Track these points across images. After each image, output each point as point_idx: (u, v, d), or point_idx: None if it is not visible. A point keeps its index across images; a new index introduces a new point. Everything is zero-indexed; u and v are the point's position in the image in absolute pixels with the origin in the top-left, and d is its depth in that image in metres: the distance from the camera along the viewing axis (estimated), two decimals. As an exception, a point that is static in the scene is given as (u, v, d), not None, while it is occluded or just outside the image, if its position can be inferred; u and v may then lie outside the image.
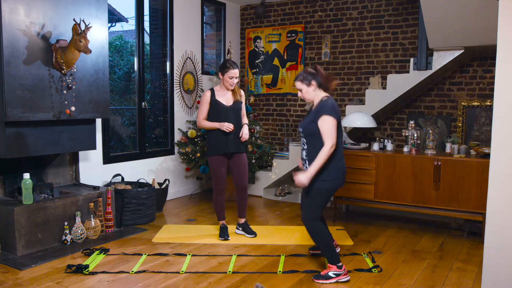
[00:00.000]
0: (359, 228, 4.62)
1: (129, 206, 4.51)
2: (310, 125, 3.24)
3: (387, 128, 5.89)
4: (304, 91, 3.31)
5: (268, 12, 6.68)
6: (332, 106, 3.23)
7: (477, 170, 4.14)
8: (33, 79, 3.63)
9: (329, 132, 3.16)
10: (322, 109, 3.21)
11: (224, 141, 4.01)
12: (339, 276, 3.23)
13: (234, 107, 4.06)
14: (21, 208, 3.61)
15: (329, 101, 3.26)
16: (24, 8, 3.54)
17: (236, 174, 4.15)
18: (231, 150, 4.05)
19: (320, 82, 3.29)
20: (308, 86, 3.29)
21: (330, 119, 3.16)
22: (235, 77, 3.98)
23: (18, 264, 3.43)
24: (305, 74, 3.31)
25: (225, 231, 4.19)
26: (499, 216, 2.66)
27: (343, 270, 3.25)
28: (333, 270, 3.24)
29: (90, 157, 4.78)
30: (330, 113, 3.17)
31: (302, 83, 3.31)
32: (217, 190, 4.15)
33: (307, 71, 3.33)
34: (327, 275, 3.24)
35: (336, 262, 3.25)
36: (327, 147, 3.14)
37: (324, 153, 3.14)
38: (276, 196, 6.16)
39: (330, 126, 3.16)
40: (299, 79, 3.32)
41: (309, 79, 3.28)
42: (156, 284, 3.15)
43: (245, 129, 4.05)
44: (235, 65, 4.00)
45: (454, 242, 4.20)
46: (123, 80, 6.06)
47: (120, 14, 6.60)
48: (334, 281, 3.22)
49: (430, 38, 4.66)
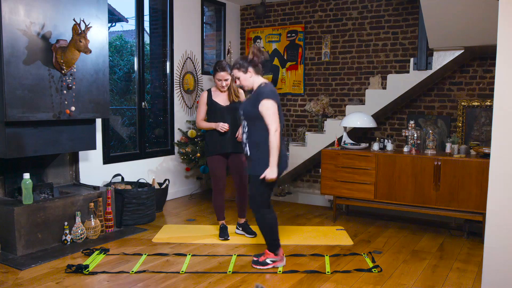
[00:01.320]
0: (359, 228, 4.62)
1: (129, 206, 4.51)
2: (250, 109, 3.26)
3: (387, 128, 5.89)
4: (242, 78, 3.32)
5: (268, 12, 6.68)
6: (271, 90, 3.25)
7: (477, 170, 4.14)
8: (33, 79, 3.63)
9: (271, 116, 3.17)
10: (262, 94, 3.23)
11: (221, 141, 4.04)
12: (275, 262, 3.38)
13: (231, 107, 4.07)
14: (21, 208, 3.61)
15: (268, 86, 3.28)
16: (24, 8, 3.54)
17: (235, 174, 4.16)
18: (229, 150, 4.06)
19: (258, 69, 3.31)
20: (245, 73, 3.30)
21: (270, 103, 3.18)
22: (224, 79, 3.99)
23: (18, 264, 3.43)
24: (241, 61, 3.31)
25: (225, 231, 4.19)
26: (499, 216, 2.66)
27: (279, 257, 3.36)
28: (271, 257, 3.36)
29: (90, 157, 4.78)
30: (269, 97, 3.19)
31: (239, 70, 3.31)
32: (216, 190, 4.16)
33: (243, 58, 3.33)
34: (265, 262, 3.39)
35: (274, 250, 3.37)
36: (272, 132, 3.16)
37: (273, 139, 3.16)
38: (276, 196, 6.16)
39: (271, 110, 3.17)
40: (235, 67, 3.32)
41: (245, 66, 3.28)
42: (156, 284, 3.15)
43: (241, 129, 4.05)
44: (227, 67, 4.00)
45: (454, 242, 4.20)
46: (123, 80, 6.06)
47: (120, 14, 6.60)
48: (270, 266, 3.39)
49: (430, 38, 4.66)
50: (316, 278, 3.29)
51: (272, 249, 3.37)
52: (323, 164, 4.89)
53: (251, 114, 3.24)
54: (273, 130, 3.16)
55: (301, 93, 6.47)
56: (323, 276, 3.32)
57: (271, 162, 3.19)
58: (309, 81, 6.41)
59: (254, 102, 3.25)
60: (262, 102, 3.19)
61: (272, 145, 3.17)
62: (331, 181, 4.84)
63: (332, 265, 3.55)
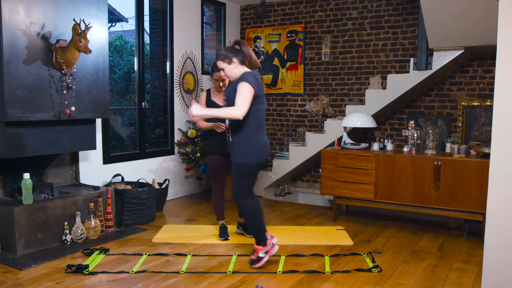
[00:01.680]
0: (359, 228, 4.62)
1: (129, 206, 4.51)
2: (232, 93, 3.24)
3: (387, 128, 5.89)
4: (227, 69, 3.29)
5: (268, 12, 6.68)
6: (254, 76, 3.21)
7: (477, 170, 4.14)
8: (33, 79, 3.63)
9: (242, 98, 3.12)
10: (243, 77, 3.20)
11: (220, 141, 4.04)
12: (268, 252, 3.35)
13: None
14: (21, 208, 3.61)
15: (251, 73, 3.25)
16: (24, 8, 3.54)
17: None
18: (228, 150, 4.04)
19: (243, 59, 3.28)
20: (229, 64, 3.28)
21: (246, 86, 3.14)
22: (221, 79, 4.00)
23: (18, 264, 3.43)
24: (225, 52, 3.28)
25: (224, 231, 4.19)
26: (499, 216, 2.66)
27: (269, 245, 3.32)
28: (261, 250, 3.32)
29: (90, 157, 4.78)
30: (248, 80, 3.16)
31: (224, 62, 3.28)
32: (215, 189, 4.17)
33: (227, 48, 3.31)
34: (258, 257, 3.35)
35: (262, 241, 3.33)
36: (234, 110, 3.11)
37: (228, 112, 3.12)
38: (276, 196, 6.16)
39: (244, 92, 3.13)
40: (220, 58, 3.29)
41: (230, 57, 3.26)
42: (156, 284, 3.15)
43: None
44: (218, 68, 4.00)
45: (454, 242, 4.20)
46: (123, 80, 6.06)
47: (120, 14, 6.60)
48: (266, 258, 3.37)
49: (430, 38, 4.66)
50: (316, 278, 3.29)
51: (260, 239, 3.33)
52: (323, 164, 4.89)
53: (232, 99, 3.22)
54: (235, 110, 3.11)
55: (301, 93, 6.47)
56: (323, 276, 3.32)
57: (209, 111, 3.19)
58: (309, 81, 6.41)
59: (235, 87, 3.22)
60: (240, 83, 3.17)
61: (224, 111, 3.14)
62: (331, 181, 4.84)
63: (332, 265, 3.55)
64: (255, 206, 3.38)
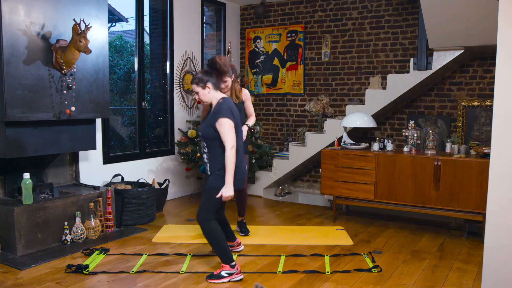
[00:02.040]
0: (359, 228, 4.62)
1: (129, 206, 4.51)
2: (207, 129, 3.23)
3: (387, 128, 5.89)
4: (201, 93, 3.28)
5: (268, 12, 6.68)
6: (229, 108, 3.22)
7: (477, 170, 4.14)
8: (33, 79, 3.63)
9: (227, 134, 3.14)
10: (218, 112, 3.19)
11: None
12: (231, 276, 3.22)
13: None
14: (21, 208, 3.61)
15: (225, 103, 3.24)
16: (24, 8, 3.54)
17: None
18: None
19: (217, 84, 3.28)
20: (203, 88, 3.26)
21: (226, 121, 3.15)
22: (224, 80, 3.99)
23: (18, 264, 3.43)
24: (200, 75, 3.28)
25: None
26: (499, 216, 2.66)
27: (236, 269, 3.24)
28: (226, 269, 3.23)
29: (90, 157, 4.78)
30: (226, 115, 3.16)
31: (198, 86, 3.27)
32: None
33: (203, 71, 3.30)
34: (220, 274, 3.23)
35: (228, 261, 3.24)
36: (228, 150, 3.13)
37: (229, 157, 3.13)
38: (276, 196, 6.16)
39: (227, 128, 3.15)
40: (194, 81, 3.28)
41: (204, 81, 3.25)
42: (156, 284, 3.15)
43: (243, 130, 4.06)
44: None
45: (454, 242, 4.20)
46: (123, 80, 6.06)
47: (120, 14, 6.60)
48: (227, 280, 3.21)
49: (430, 38, 4.66)
50: (316, 278, 3.29)
51: (225, 260, 3.25)
52: (323, 164, 4.89)
53: (208, 134, 3.23)
54: (229, 147, 3.14)
55: (301, 93, 6.47)
56: (323, 276, 3.33)
57: (227, 179, 3.16)
58: (309, 81, 6.42)
59: (211, 120, 3.22)
60: (218, 120, 3.16)
61: (228, 162, 3.14)
62: (331, 181, 4.84)
63: (332, 265, 3.55)
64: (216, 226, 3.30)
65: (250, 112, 4.19)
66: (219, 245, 3.26)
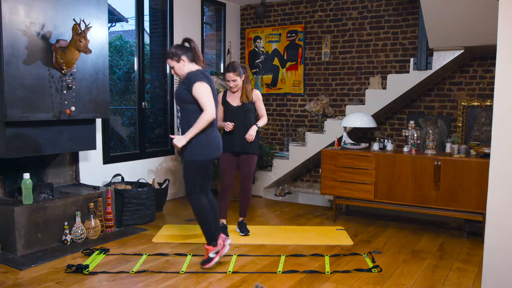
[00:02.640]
0: (359, 228, 4.62)
1: (129, 206, 4.51)
2: (182, 92, 3.24)
3: (387, 128, 5.89)
4: (176, 67, 3.30)
5: (268, 12, 6.68)
6: (204, 75, 3.23)
7: (477, 170, 4.14)
8: (33, 79, 3.63)
9: (205, 98, 3.14)
10: (194, 77, 3.20)
11: (231, 140, 4.13)
12: (218, 252, 3.33)
13: (242, 108, 4.13)
14: (21, 208, 3.61)
15: (201, 70, 3.27)
16: (24, 8, 3.54)
17: (241, 174, 4.25)
18: (236, 149, 4.14)
19: (192, 57, 3.29)
20: (178, 62, 3.28)
21: (202, 85, 3.16)
22: (231, 80, 4.06)
23: (18, 264, 3.43)
24: (174, 50, 3.29)
25: (224, 231, 4.18)
26: (499, 216, 2.66)
27: (220, 245, 3.30)
28: (212, 250, 3.30)
29: (90, 157, 4.78)
30: (201, 79, 3.17)
31: (172, 60, 3.29)
32: (221, 186, 4.25)
33: (176, 46, 3.31)
34: (209, 258, 3.34)
35: (212, 240, 3.31)
36: (204, 114, 3.13)
37: (202, 119, 3.13)
38: (276, 196, 6.16)
39: (204, 91, 3.15)
40: (168, 56, 3.30)
41: (178, 55, 3.26)
42: (156, 284, 3.15)
43: (251, 130, 4.10)
44: (230, 68, 4.06)
45: (454, 242, 4.20)
46: (123, 80, 6.06)
47: (120, 14, 6.60)
48: (217, 258, 3.35)
49: (430, 38, 4.66)
50: (316, 278, 3.29)
51: (210, 240, 3.31)
52: (323, 164, 4.89)
53: (183, 96, 3.22)
54: (206, 113, 3.14)
55: (301, 93, 6.47)
56: (323, 276, 3.33)
57: (187, 134, 3.17)
58: (309, 81, 6.42)
59: (186, 84, 3.22)
60: (195, 85, 3.16)
61: (199, 121, 3.14)
62: (331, 181, 4.84)
63: (332, 265, 3.55)
64: (205, 205, 3.33)
65: (261, 113, 4.23)
66: (204, 222, 3.32)
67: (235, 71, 4.05)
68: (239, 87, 4.12)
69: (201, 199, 3.32)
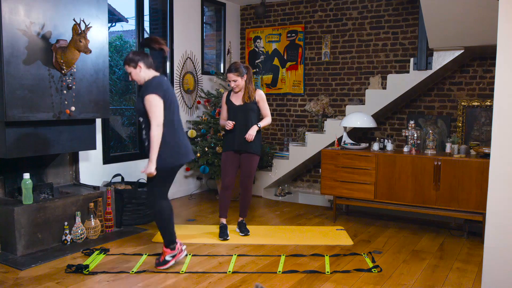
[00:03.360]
0: (359, 228, 4.62)
1: (129, 206, 4.51)
2: (140, 104, 3.27)
3: (387, 128, 5.89)
4: (133, 73, 3.33)
5: (268, 12, 6.68)
6: (158, 83, 3.24)
7: (477, 170, 4.14)
8: (33, 79, 3.63)
9: (152, 112, 3.17)
10: (147, 88, 3.23)
11: (232, 139, 4.16)
12: (175, 256, 3.37)
13: (244, 107, 4.15)
14: (21, 208, 3.61)
15: (156, 79, 3.28)
16: (24, 8, 3.54)
17: (241, 173, 4.25)
18: (237, 148, 4.16)
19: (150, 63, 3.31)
20: (135, 68, 3.31)
21: (152, 97, 3.17)
22: (232, 80, 4.09)
23: (18, 264, 3.43)
24: (131, 55, 3.31)
25: (224, 231, 4.19)
26: (499, 216, 2.66)
27: (177, 250, 3.35)
28: (169, 253, 3.35)
29: (90, 157, 4.78)
30: (152, 91, 3.18)
31: (129, 66, 3.31)
32: (222, 185, 4.25)
33: (134, 52, 3.34)
34: (165, 260, 3.38)
35: (169, 244, 3.35)
36: (152, 128, 3.16)
37: (153, 136, 3.17)
38: (276, 196, 6.16)
39: (152, 105, 3.17)
40: (125, 62, 3.33)
41: (135, 61, 3.29)
42: (156, 284, 3.15)
43: (251, 129, 4.10)
44: (231, 69, 4.09)
45: (454, 242, 4.20)
46: (123, 80, 6.06)
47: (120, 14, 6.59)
48: (173, 262, 3.38)
49: (430, 38, 4.66)
50: (316, 278, 3.29)
51: (169, 243, 3.37)
52: (323, 164, 4.89)
53: (141, 109, 3.26)
54: (154, 125, 3.16)
55: (301, 93, 6.47)
56: (323, 276, 3.33)
57: (150, 156, 3.19)
58: (309, 81, 6.42)
59: (141, 98, 3.25)
60: (146, 98, 3.19)
61: (152, 139, 3.16)
62: (331, 181, 4.84)
63: (332, 265, 3.55)
64: (166, 209, 3.38)
65: (265, 113, 4.24)
66: (165, 227, 3.37)
67: (236, 72, 4.06)
68: (240, 87, 4.14)
69: (166, 203, 3.37)
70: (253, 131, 4.10)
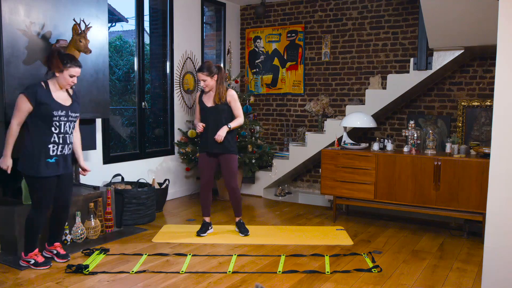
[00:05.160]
0: (359, 228, 4.62)
1: (129, 206, 4.51)
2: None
3: (387, 128, 5.89)
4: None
5: (268, 12, 6.68)
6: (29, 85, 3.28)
7: (477, 170, 4.14)
8: (33, 79, 3.62)
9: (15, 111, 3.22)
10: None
11: (205, 140, 4.16)
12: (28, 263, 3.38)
13: (215, 108, 4.11)
14: (21, 208, 3.61)
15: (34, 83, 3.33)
16: (24, 8, 3.54)
17: (223, 175, 4.25)
18: (211, 150, 4.14)
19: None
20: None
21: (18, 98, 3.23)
22: (201, 79, 4.05)
23: (18, 264, 3.43)
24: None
25: (202, 228, 4.25)
26: (499, 216, 2.66)
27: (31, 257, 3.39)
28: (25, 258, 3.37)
29: (90, 157, 4.77)
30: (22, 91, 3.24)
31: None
32: (201, 184, 4.29)
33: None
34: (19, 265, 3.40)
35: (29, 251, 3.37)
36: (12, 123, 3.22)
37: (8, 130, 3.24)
38: (276, 196, 6.16)
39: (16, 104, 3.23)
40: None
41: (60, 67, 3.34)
42: (156, 284, 3.15)
43: (220, 130, 4.06)
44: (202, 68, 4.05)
45: (454, 242, 4.20)
46: (123, 80, 6.06)
47: (120, 14, 6.60)
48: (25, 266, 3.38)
49: (430, 38, 4.66)
50: (316, 278, 3.29)
51: (28, 250, 3.38)
52: (323, 164, 4.89)
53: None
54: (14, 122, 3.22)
55: (301, 93, 6.47)
56: (323, 276, 3.33)
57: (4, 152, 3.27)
58: (309, 81, 6.42)
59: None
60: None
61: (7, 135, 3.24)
62: (331, 181, 4.84)
63: (332, 265, 3.55)
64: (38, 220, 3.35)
65: (237, 114, 4.17)
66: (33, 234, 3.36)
67: (204, 71, 4.02)
68: (210, 87, 4.08)
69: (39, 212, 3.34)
70: (223, 131, 4.05)
